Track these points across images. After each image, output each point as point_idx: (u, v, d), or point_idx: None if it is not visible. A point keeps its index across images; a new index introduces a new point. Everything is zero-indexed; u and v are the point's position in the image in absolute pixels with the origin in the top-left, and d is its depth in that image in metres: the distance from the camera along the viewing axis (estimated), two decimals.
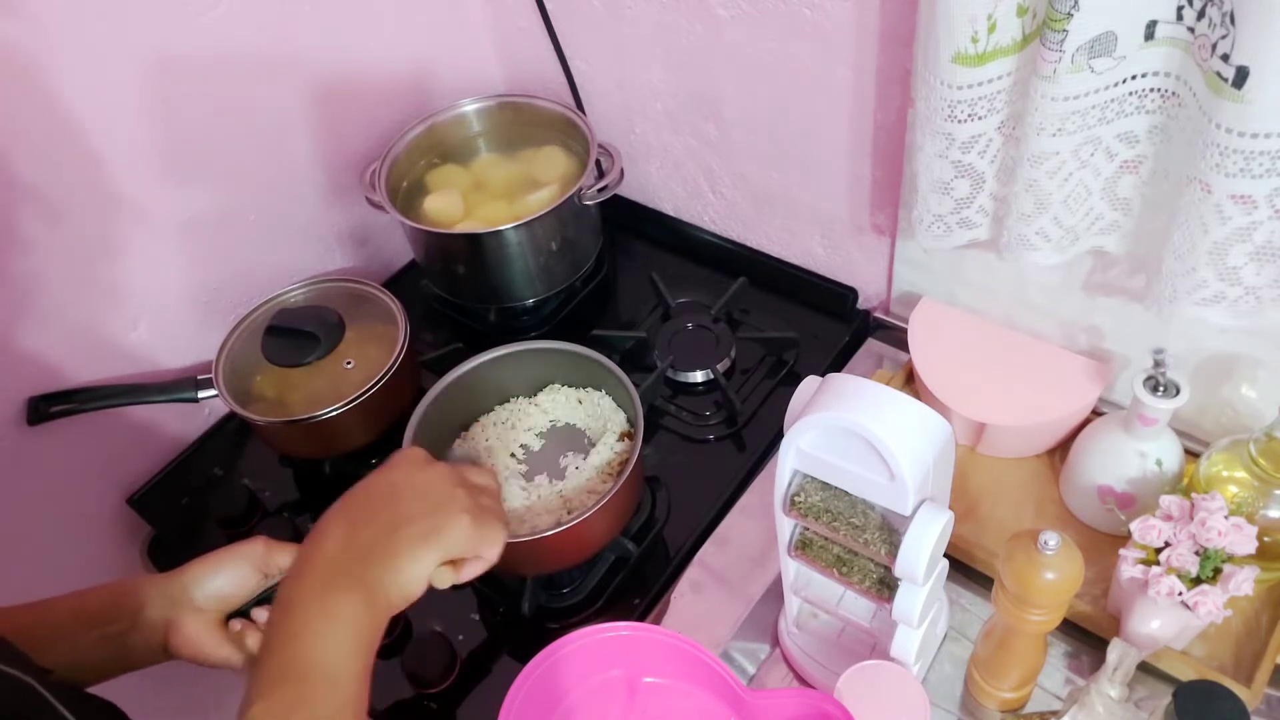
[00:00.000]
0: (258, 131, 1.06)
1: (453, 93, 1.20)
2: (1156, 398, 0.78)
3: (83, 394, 0.99)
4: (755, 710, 0.71)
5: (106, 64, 0.90)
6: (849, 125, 0.96)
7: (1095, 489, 0.85)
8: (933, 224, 0.87)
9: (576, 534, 0.84)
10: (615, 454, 0.93)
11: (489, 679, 0.89)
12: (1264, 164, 0.65)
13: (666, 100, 1.12)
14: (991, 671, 0.77)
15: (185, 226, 1.04)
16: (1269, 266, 0.72)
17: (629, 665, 0.75)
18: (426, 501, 0.65)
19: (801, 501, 0.70)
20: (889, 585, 0.71)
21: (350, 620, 0.58)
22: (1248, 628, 0.80)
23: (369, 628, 0.59)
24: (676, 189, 1.23)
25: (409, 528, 0.63)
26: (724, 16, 0.97)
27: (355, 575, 0.60)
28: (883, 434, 0.61)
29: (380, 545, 0.62)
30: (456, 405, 0.96)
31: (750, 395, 1.07)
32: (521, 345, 0.97)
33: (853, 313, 1.13)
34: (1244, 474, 0.77)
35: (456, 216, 1.13)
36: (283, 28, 1.03)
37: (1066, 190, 0.78)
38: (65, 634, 0.67)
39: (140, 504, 1.09)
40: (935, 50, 0.73)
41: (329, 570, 0.60)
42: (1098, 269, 0.88)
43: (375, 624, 0.60)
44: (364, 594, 0.59)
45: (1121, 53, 0.68)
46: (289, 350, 1.01)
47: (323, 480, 1.06)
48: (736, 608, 0.89)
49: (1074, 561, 0.65)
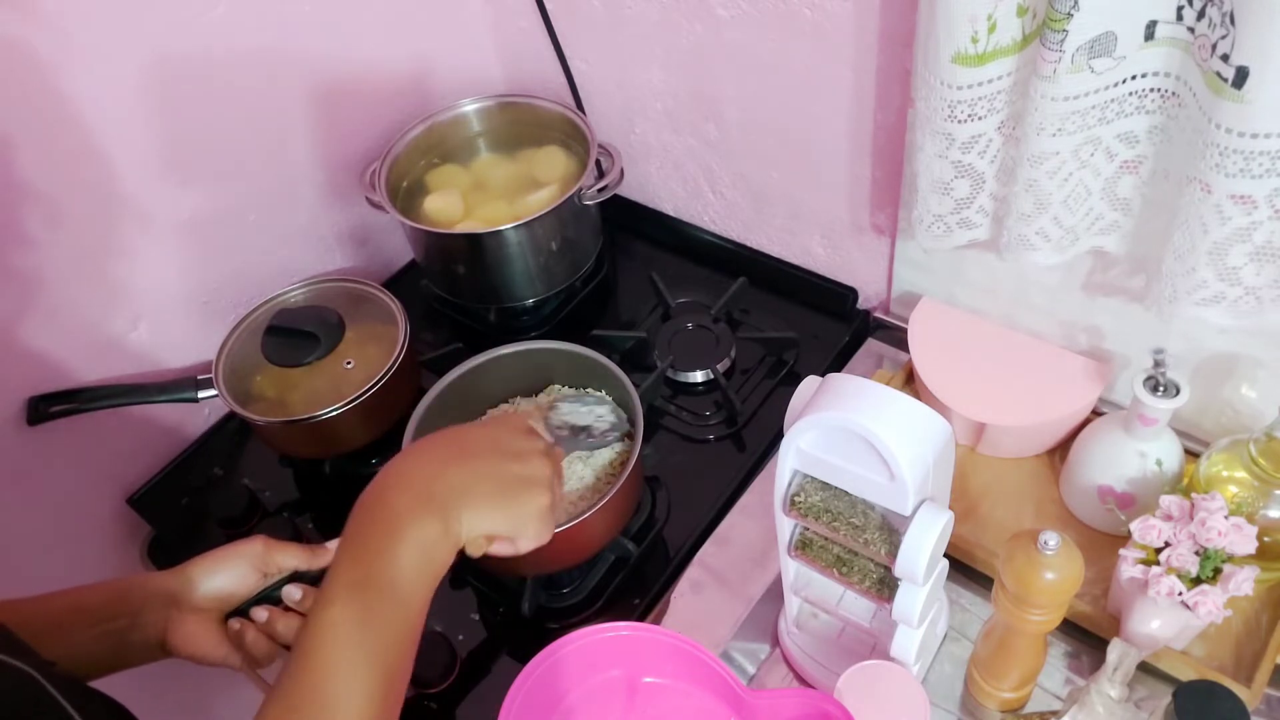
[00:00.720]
0: (258, 131, 1.06)
1: (453, 93, 1.20)
2: (1156, 398, 0.78)
3: (83, 394, 0.99)
4: (755, 710, 0.71)
5: (107, 64, 0.91)
6: (849, 125, 0.96)
7: (1095, 489, 0.85)
8: (933, 224, 0.87)
9: (576, 534, 0.84)
10: (615, 454, 0.93)
11: (489, 679, 0.89)
12: (1264, 164, 0.65)
13: (666, 100, 1.12)
14: (991, 671, 0.77)
15: (185, 226, 1.04)
16: (1269, 267, 0.72)
17: (629, 665, 0.75)
18: (522, 466, 0.66)
19: (801, 501, 0.70)
20: (889, 585, 0.71)
21: (429, 547, 0.59)
22: (1248, 628, 0.80)
23: (441, 558, 0.60)
24: (676, 189, 1.23)
25: (500, 481, 0.64)
26: (724, 16, 0.97)
27: (440, 505, 0.61)
28: (883, 434, 0.61)
29: (469, 486, 0.62)
30: (457, 405, 0.96)
31: (750, 395, 1.07)
32: (521, 345, 0.97)
33: (853, 313, 1.13)
34: (1244, 474, 0.77)
35: (456, 216, 1.13)
36: (283, 28, 1.03)
37: (1066, 190, 0.78)
38: (65, 628, 0.67)
39: (140, 504, 1.09)
40: (935, 50, 0.73)
41: (418, 494, 0.61)
42: (1098, 269, 0.88)
43: (447, 556, 0.61)
44: (444, 525, 0.60)
45: (1121, 53, 0.68)
46: (289, 350, 1.01)
47: (323, 480, 1.06)
48: (736, 608, 0.89)
49: (1074, 561, 0.65)
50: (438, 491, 0.61)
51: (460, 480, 0.62)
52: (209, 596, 0.71)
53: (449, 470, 0.63)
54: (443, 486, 0.62)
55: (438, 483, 0.62)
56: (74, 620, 0.68)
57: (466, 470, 0.63)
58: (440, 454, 0.64)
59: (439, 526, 0.60)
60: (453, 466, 0.63)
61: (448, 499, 0.61)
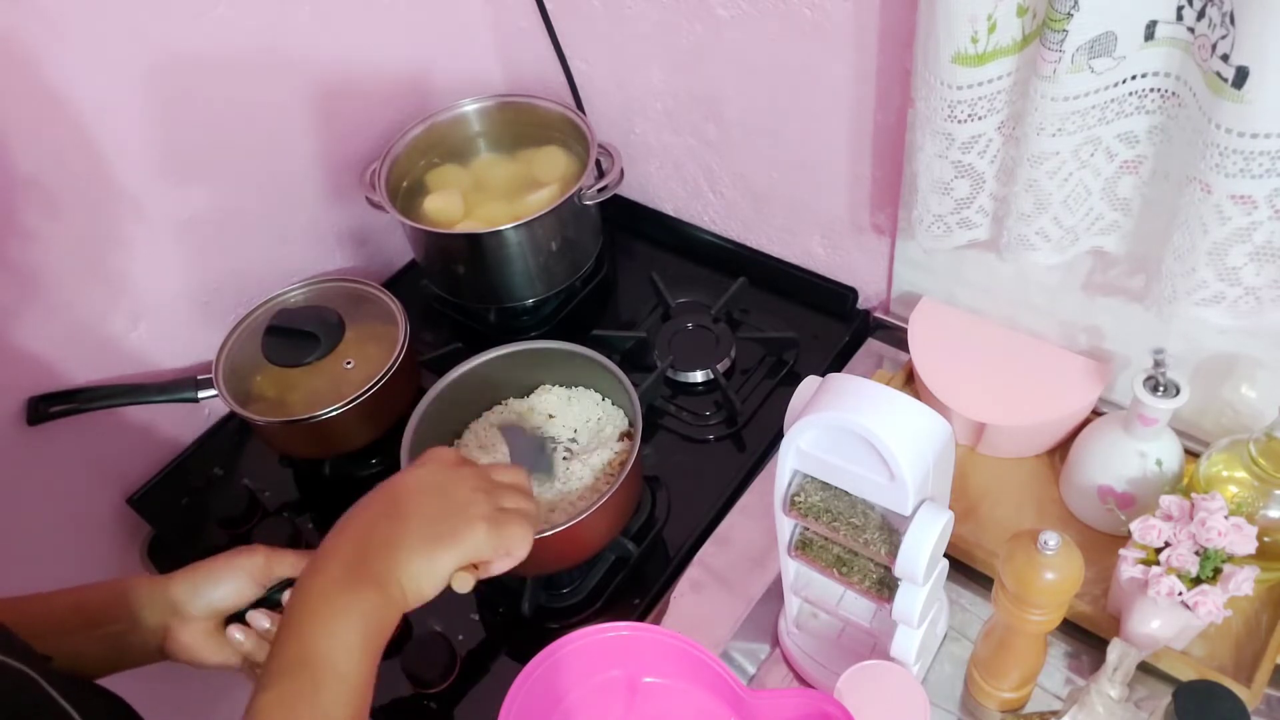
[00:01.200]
0: (258, 131, 1.06)
1: (453, 93, 1.20)
2: (1156, 398, 0.78)
3: (83, 394, 0.99)
4: (755, 710, 0.71)
5: (107, 63, 0.91)
6: (849, 125, 0.96)
7: (1095, 489, 0.85)
8: (933, 224, 0.87)
9: (576, 534, 0.84)
10: (614, 454, 0.93)
11: (489, 679, 0.89)
12: (1264, 164, 0.65)
13: (666, 100, 1.12)
14: (991, 671, 0.77)
15: (185, 226, 1.04)
16: (1269, 267, 0.72)
17: (629, 665, 0.75)
18: (447, 503, 0.65)
19: (801, 501, 0.70)
20: (889, 585, 0.71)
21: (361, 616, 0.58)
22: (1248, 628, 0.80)
23: (379, 624, 0.59)
24: (676, 189, 1.23)
25: (427, 528, 0.63)
26: (724, 16, 0.97)
27: (370, 571, 0.60)
28: (883, 434, 0.61)
29: (396, 542, 0.62)
30: (456, 406, 0.96)
31: (750, 395, 1.07)
32: (520, 345, 0.97)
33: (853, 313, 1.13)
34: (1244, 474, 0.77)
35: (456, 216, 1.13)
36: (283, 27, 1.03)
37: (1066, 190, 0.78)
38: (64, 630, 0.67)
39: (140, 504, 1.09)
40: (935, 50, 0.73)
41: (345, 564, 0.61)
42: (1098, 269, 0.88)
43: (386, 621, 0.60)
44: (377, 590, 0.60)
45: (1121, 53, 0.68)
46: (289, 350, 1.01)
47: (323, 480, 1.06)
48: (736, 608, 0.89)
49: (1074, 561, 0.65)
50: (370, 558, 0.61)
51: (386, 538, 0.62)
52: (206, 608, 0.70)
53: (377, 533, 0.62)
54: (375, 552, 0.61)
55: (369, 549, 0.61)
56: (74, 622, 0.68)
57: (390, 527, 0.63)
58: (369, 516, 0.64)
59: (377, 595, 0.59)
60: (381, 527, 0.62)
61: (380, 564, 0.60)
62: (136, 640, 0.69)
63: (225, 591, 0.71)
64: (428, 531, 0.63)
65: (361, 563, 0.60)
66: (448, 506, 0.65)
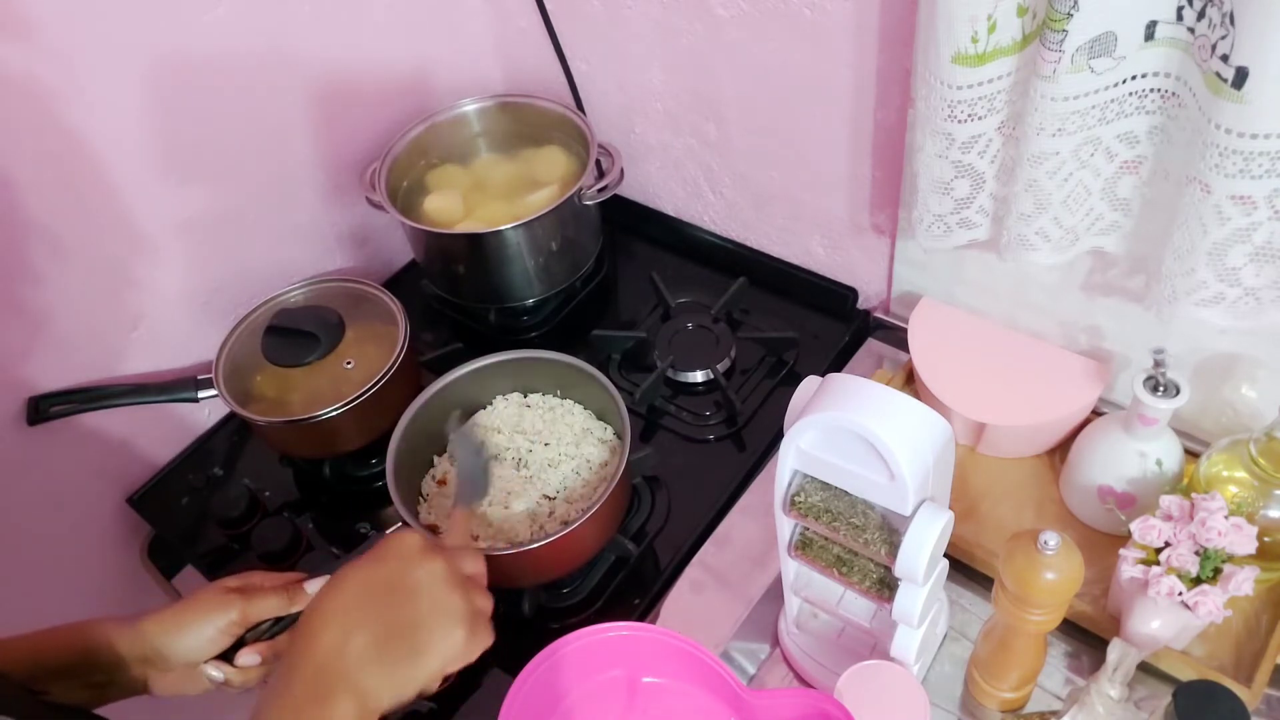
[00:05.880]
0: (258, 131, 1.06)
1: (453, 93, 1.20)
2: (1156, 398, 0.78)
3: (83, 394, 0.99)
4: (755, 710, 0.71)
5: (107, 63, 0.90)
6: (849, 125, 0.96)
7: (1095, 489, 0.85)
8: (933, 224, 0.87)
9: (564, 546, 0.84)
10: (604, 462, 0.93)
11: (489, 679, 0.89)
12: (1264, 164, 0.65)
13: (666, 100, 1.12)
14: (991, 671, 0.77)
15: (185, 226, 1.04)
16: (1268, 267, 0.72)
17: (629, 665, 0.75)
18: (423, 606, 0.62)
19: (801, 501, 0.70)
20: (889, 585, 0.71)
21: None
22: (1248, 628, 0.80)
23: None
24: (676, 189, 1.23)
25: (408, 637, 0.61)
26: (724, 16, 0.97)
27: (349, 682, 0.58)
28: (883, 434, 0.61)
29: (376, 653, 0.59)
30: (441, 416, 0.95)
31: (750, 395, 1.07)
32: (505, 355, 0.96)
33: (853, 313, 1.13)
34: (1244, 474, 0.77)
35: (456, 216, 1.13)
36: (282, 28, 1.03)
37: (1066, 190, 0.78)
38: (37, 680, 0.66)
39: (140, 504, 1.09)
40: (935, 50, 0.73)
41: (321, 676, 0.58)
42: (1098, 269, 0.88)
43: None
44: (357, 701, 0.58)
45: (1121, 53, 0.68)
46: (289, 350, 1.00)
47: (323, 480, 1.06)
48: (736, 608, 0.89)
49: (1074, 561, 0.65)
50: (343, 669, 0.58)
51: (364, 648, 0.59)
52: (183, 657, 0.70)
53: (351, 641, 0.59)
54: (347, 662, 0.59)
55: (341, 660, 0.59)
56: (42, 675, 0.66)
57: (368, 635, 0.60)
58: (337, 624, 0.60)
59: (352, 704, 0.58)
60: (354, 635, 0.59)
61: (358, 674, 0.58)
62: (117, 690, 0.69)
63: (197, 643, 0.70)
64: (409, 642, 0.60)
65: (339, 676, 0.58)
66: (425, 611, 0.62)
